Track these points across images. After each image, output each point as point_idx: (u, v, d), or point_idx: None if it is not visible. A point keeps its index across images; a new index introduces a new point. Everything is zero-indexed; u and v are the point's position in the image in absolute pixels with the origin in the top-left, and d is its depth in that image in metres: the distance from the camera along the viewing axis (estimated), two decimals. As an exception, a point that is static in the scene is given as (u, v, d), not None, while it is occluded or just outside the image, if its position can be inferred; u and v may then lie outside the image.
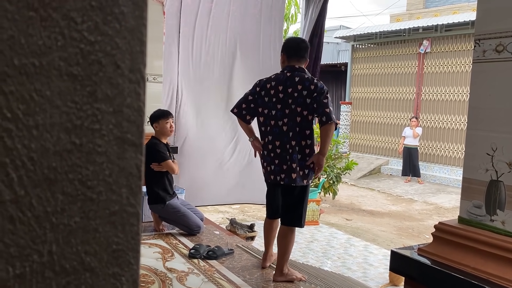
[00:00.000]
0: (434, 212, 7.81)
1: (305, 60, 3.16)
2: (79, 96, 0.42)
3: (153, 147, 4.01)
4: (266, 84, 3.10)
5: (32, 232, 0.41)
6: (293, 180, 3.00)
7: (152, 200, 4.09)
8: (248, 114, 3.19)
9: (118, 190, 0.44)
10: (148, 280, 3.08)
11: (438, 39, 11.10)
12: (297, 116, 2.97)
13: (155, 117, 4.12)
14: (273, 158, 3.04)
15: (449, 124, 10.83)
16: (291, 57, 3.12)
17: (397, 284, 3.90)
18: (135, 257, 0.45)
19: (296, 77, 3.01)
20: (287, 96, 3.00)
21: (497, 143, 1.67)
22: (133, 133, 0.44)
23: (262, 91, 3.11)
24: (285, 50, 3.16)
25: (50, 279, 0.42)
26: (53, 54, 0.40)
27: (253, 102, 3.15)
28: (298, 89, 2.97)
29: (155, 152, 4.00)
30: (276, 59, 5.51)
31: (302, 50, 3.14)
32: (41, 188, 0.41)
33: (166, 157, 4.02)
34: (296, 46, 3.16)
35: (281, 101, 3.02)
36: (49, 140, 0.41)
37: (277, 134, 3.02)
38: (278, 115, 3.02)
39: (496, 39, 1.71)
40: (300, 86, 2.98)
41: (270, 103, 3.06)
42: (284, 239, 3.14)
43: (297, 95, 2.96)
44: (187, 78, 5.31)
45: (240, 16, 5.40)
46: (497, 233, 1.65)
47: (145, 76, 0.44)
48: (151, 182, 4.06)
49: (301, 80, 2.99)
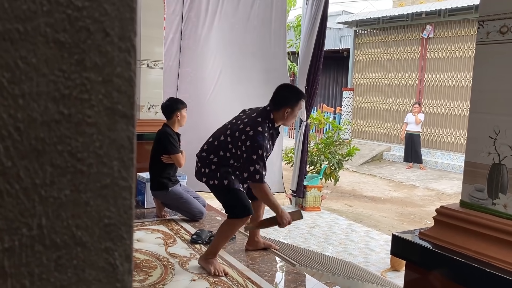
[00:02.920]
0: (436, 198, 7.81)
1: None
2: (66, 65, 0.40)
3: (167, 138, 3.97)
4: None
5: (21, 205, 0.40)
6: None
7: (155, 186, 4.09)
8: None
9: (109, 163, 0.43)
10: (151, 265, 3.09)
11: (442, 24, 10.99)
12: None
13: (175, 106, 4.04)
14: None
15: (452, 110, 10.78)
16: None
17: (398, 269, 3.92)
18: (128, 232, 0.44)
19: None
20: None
21: (500, 126, 1.65)
22: (124, 104, 0.42)
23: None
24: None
25: (40, 253, 0.41)
26: (38, 19, 0.38)
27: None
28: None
29: (168, 143, 3.96)
30: (278, 44, 5.47)
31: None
32: (28, 160, 0.40)
33: (178, 151, 4.00)
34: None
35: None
36: (36, 110, 0.39)
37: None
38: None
39: (500, 20, 1.68)
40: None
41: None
42: (221, 226, 3.11)
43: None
44: (187, 64, 5.28)
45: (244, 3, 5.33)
46: (499, 216, 1.64)
47: (136, 44, 0.42)
48: (156, 170, 4.06)
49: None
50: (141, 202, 4.56)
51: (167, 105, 4.06)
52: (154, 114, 4.95)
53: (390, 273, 3.97)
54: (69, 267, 0.42)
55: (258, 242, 3.46)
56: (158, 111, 4.96)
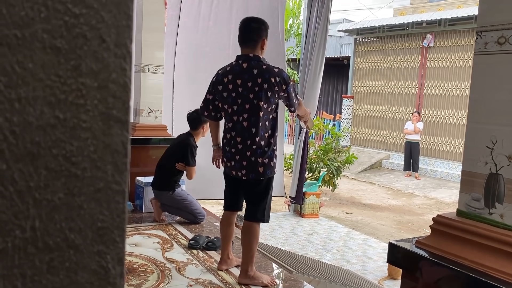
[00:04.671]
0: (434, 207, 7.81)
1: (259, 43, 2.83)
2: (63, 70, 0.41)
3: (191, 149, 4.03)
4: (223, 79, 2.86)
5: (14, 207, 0.40)
6: (261, 174, 2.83)
7: (162, 186, 4.10)
8: (214, 112, 3.01)
9: (103, 167, 0.43)
10: (147, 270, 3.09)
11: (442, 33, 11.04)
12: (258, 111, 2.76)
13: (202, 118, 3.96)
14: (234, 154, 2.85)
15: (451, 119, 10.80)
16: (242, 44, 2.85)
17: (396, 278, 3.91)
18: (121, 236, 0.45)
19: (254, 69, 2.77)
20: (246, 91, 2.77)
21: (497, 136, 1.66)
22: (118, 109, 0.43)
23: (219, 85, 2.89)
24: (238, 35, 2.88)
25: (33, 255, 0.41)
26: (36, 25, 0.39)
27: (214, 101, 2.96)
28: (258, 82, 2.75)
29: (189, 154, 4.02)
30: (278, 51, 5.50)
31: (253, 33, 2.82)
32: (23, 163, 0.40)
33: (195, 164, 4.05)
34: (245, 29, 2.84)
35: (240, 95, 2.80)
36: (32, 114, 0.40)
37: (239, 130, 2.82)
38: (239, 110, 2.81)
39: (498, 31, 1.69)
40: (259, 79, 2.75)
41: (229, 98, 2.84)
42: (247, 235, 2.92)
43: (257, 89, 2.75)
44: (184, 69, 5.30)
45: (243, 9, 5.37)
46: (496, 226, 1.64)
47: (131, 51, 0.43)
48: (167, 171, 4.09)
49: (260, 73, 2.76)
50: (139, 206, 4.56)
51: (195, 117, 4.05)
52: (154, 118, 4.96)
53: (387, 282, 3.96)
54: (61, 269, 0.43)
55: (232, 260, 3.22)
56: (158, 115, 4.97)
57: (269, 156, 2.84)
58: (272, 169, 2.88)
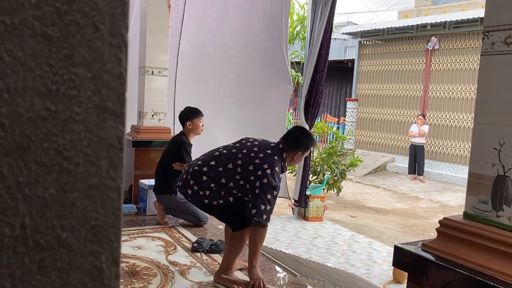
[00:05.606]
0: (439, 210, 7.75)
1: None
2: (54, 59, 0.39)
3: (183, 147, 4.02)
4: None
5: (3, 203, 0.38)
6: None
7: (163, 190, 4.09)
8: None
9: (97, 162, 0.41)
10: (150, 273, 3.07)
11: (447, 36, 10.99)
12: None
13: (187, 114, 4.09)
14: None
15: (456, 122, 10.74)
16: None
17: (401, 282, 3.86)
18: (116, 234, 0.42)
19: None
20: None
21: (505, 137, 1.63)
22: (113, 102, 0.41)
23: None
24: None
25: (23, 255, 0.39)
26: (26, 12, 0.37)
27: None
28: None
29: (184, 151, 4.01)
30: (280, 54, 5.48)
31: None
32: (12, 157, 0.38)
33: (191, 160, 4.03)
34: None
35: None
36: (21, 105, 0.38)
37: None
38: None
39: (505, 31, 1.67)
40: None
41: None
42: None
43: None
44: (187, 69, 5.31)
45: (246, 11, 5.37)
46: (503, 229, 1.61)
47: (127, 40, 0.41)
48: (166, 174, 4.07)
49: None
50: (142, 209, 4.54)
51: (181, 113, 4.14)
52: (158, 121, 4.96)
53: (392, 285, 3.92)
54: (52, 269, 0.40)
55: (235, 263, 3.10)
56: (161, 118, 4.96)
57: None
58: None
